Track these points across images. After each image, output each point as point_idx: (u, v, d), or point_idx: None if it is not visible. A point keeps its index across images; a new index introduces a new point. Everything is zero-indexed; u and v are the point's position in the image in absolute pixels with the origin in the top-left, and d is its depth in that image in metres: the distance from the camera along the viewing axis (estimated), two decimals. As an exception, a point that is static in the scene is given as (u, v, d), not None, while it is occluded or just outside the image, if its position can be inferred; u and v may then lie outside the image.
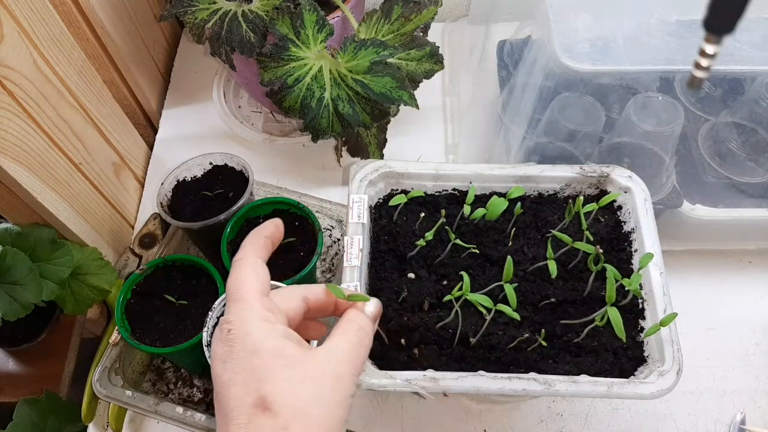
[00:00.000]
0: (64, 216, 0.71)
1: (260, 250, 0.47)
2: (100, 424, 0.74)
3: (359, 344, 0.44)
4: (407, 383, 0.53)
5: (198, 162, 0.77)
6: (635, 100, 0.72)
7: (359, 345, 0.44)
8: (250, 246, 0.47)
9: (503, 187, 0.67)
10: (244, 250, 0.46)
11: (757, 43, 0.63)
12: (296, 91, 0.74)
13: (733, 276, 0.81)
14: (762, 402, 0.72)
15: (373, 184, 0.67)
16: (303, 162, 0.92)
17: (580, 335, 0.58)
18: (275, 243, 0.49)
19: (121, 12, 0.86)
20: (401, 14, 0.77)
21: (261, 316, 0.41)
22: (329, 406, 0.39)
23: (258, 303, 0.42)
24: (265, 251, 0.47)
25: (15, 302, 0.64)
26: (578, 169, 0.66)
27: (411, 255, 0.63)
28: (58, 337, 0.88)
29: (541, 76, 0.67)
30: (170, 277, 0.70)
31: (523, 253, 0.63)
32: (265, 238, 0.48)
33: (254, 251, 0.46)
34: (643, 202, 0.64)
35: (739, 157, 0.75)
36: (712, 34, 0.36)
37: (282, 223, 0.51)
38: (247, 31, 0.73)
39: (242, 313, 0.42)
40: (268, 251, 0.48)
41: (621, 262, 0.63)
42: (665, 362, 0.55)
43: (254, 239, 0.47)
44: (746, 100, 0.77)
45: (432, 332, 0.58)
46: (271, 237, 0.49)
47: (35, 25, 0.65)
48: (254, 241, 0.47)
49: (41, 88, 0.66)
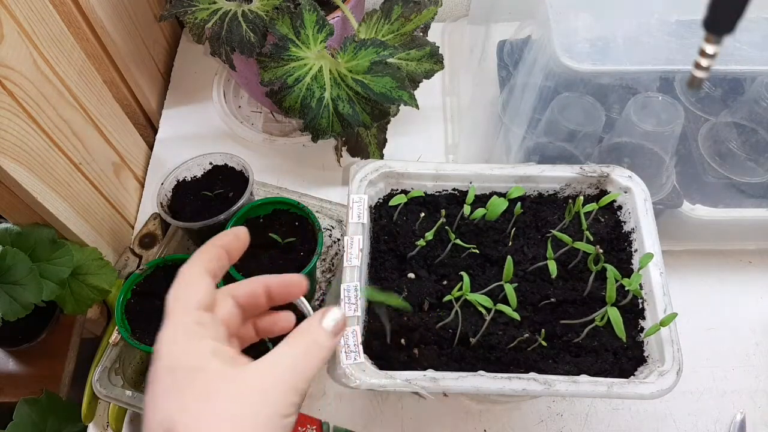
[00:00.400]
0: (64, 216, 0.71)
1: (208, 261, 0.42)
2: (100, 424, 0.74)
3: (304, 357, 0.38)
4: (407, 383, 0.53)
5: (198, 162, 0.77)
6: (635, 100, 0.72)
7: (304, 358, 0.38)
8: (197, 255, 0.43)
9: (503, 187, 0.67)
10: (190, 260, 0.42)
11: (757, 43, 0.63)
12: (296, 91, 0.74)
13: (733, 276, 0.81)
14: (762, 402, 0.72)
15: (373, 184, 0.67)
16: (303, 162, 0.92)
17: (580, 335, 0.58)
18: (233, 253, 0.45)
19: (121, 12, 0.86)
20: (401, 14, 0.77)
21: (186, 331, 0.38)
22: (245, 428, 0.34)
23: (186, 318, 0.39)
24: (217, 262, 0.43)
25: (15, 302, 0.64)
26: (578, 169, 0.66)
27: (411, 255, 0.63)
28: (58, 337, 0.88)
29: (541, 76, 0.67)
30: (170, 277, 0.68)
31: (523, 253, 0.63)
32: (219, 248, 0.43)
33: (199, 262, 0.42)
34: (643, 202, 0.64)
35: (739, 157, 0.75)
36: (712, 34, 0.36)
37: (246, 232, 0.46)
38: (247, 31, 0.73)
39: (167, 330, 0.38)
40: (220, 261, 0.43)
41: (621, 262, 0.63)
42: (665, 362, 0.55)
43: (204, 248, 0.43)
44: (746, 100, 0.77)
45: (432, 332, 0.58)
46: (226, 246, 0.44)
47: (35, 25, 0.65)
48: (203, 250, 0.43)
49: (41, 88, 0.66)
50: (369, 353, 0.57)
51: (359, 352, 0.56)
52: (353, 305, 0.57)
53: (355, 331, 0.56)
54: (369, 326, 0.59)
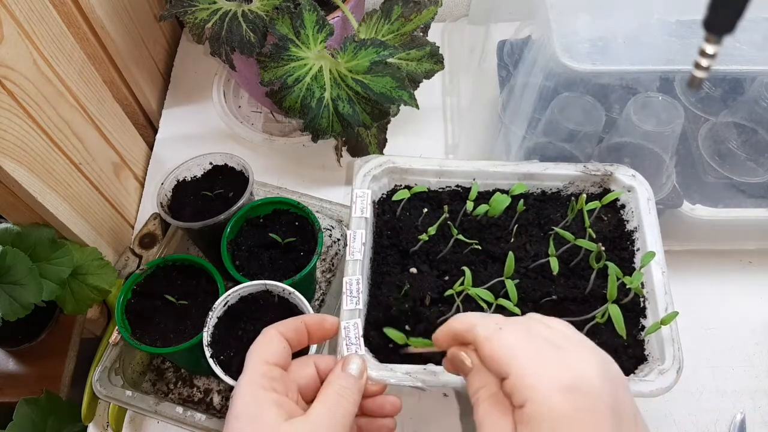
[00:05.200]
0: (64, 216, 0.71)
1: (286, 329, 0.49)
2: (100, 424, 0.74)
3: (337, 406, 0.45)
4: (407, 376, 0.54)
5: (198, 162, 0.77)
6: (635, 100, 0.72)
7: (337, 407, 0.45)
8: (281, 322, 0.50)
9: (506, 184, 0.67)
10: (274, 324, 0.50)
11: (757, 43, 0.63)
12: (296, 91, 0.74)
13: (733, 276, 0.81)
14: (762, 402, 0.72)
15: (377, 179, 0.67)
16: (303, 162, 0.92)
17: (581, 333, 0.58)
18: (314, 334, 0.51)
19: (121, 12, 0.86)
20: (401, 14, 0.77)
21: (256, 383, 0.44)
22: None
23: (259, 370, 0.45)
24: (294, 333, 0.50)
25: (15, 302, 0.64)
26: (582, 167, 0.66)
27: (413, 250, 0.63)
28: (58, 337, 0.88)
29: (541, 76, 0.67)
30: (170, 277, 0.70)
31: (525, 250, 0.63)
32: (300, 323, 0.50)
33: (281, 326, 0.49)
34: (646, 201, 0.64)
35: (739, 157, 0.75)
36: (712, 34, 0.36)
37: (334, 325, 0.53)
38: (247, 31, 0.73)
39: (241, 380, 0.45)
40: (298, 334, 0.50)
41: (623, 261, 0.63)
42: (665, 361, 0.55)
43: (291, 319, 0.51)
44: (746, 100, 0.77)
45: (433, 326, 0.58)
46: (309, 325, 0.51)
47: (35, 25, 0.65)
48: (288, 320, 0.50)
49: (41, 88, 0.66)
50: (369, 346, 0.57)
51: (360, 345, 0.56)
52: (355, 298, 0.58)
53: (356, 324, 0.56)
54: (370, 319, 0.59)
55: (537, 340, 0.40)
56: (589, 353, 0.40)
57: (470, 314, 0.45)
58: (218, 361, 0.60)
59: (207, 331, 0.61)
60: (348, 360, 0.48)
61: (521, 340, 0.40)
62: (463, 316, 0.44)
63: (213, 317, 0.62)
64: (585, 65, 0.61)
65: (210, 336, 0.61)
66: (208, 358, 0.60)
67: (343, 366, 0.48)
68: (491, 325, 0.41)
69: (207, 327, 0.61)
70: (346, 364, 0.48)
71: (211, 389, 0.73)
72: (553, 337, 0.41)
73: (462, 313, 0.46)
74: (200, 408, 0.71)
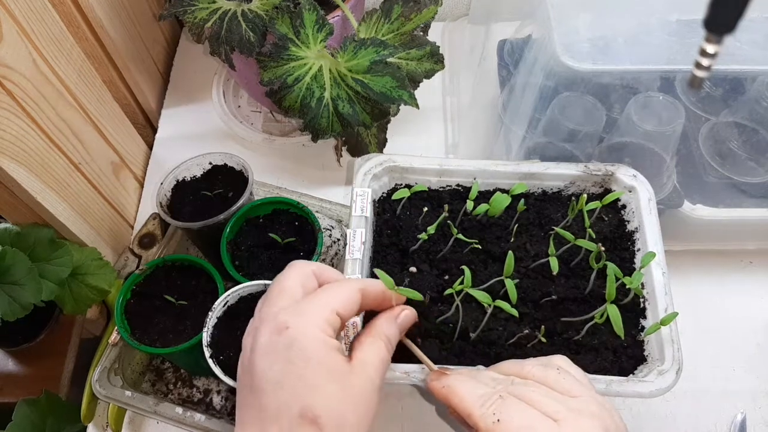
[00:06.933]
0: (64, 216, 0.71)
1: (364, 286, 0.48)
2: (100, 425, 0.74)
3: (387, 358, 0.47)
4: (406, 375, 0.54)
5: (197, 162, 0.77)
6: (636, 100, 0.72)
7: (387, 359, 0.47)
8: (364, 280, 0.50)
9: (507, 183, 0.67)
10: (356, 279, 0.52)
11: (758, 42, 0.63)
12: (296, 90, 0.74)
13: (734, 276, 0.80)
14: (763, 402, 0.72)
15: (377, 178, 0.67)
16: (303, 162, 0.92)
17: (580, 333, 0.58)
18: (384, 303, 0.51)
19: (120, 11, 0.86)
20: (401, 13, 0.77)
21: (321, 327, 0.43)
22: (365, 420, 0.42)
23: (329, 318, 0.44)
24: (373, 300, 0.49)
25: (14, 302, 0.64)
26: (583, 167, 0.66)
27: (413, 249, 0.63)
28: (58, 337, 0.88)
29: (542, 75, 0.66)
30: (170, 278, 0.70)
31: (526, 249, 0.63)
32: (384, 292, 0.50)
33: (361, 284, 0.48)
34: (647, 202, 0.64)
35: (740, 157, 0.75)
36: (712, 34, 0.36)
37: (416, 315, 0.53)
38: (246, 31, 0.73)
39: (305, 318, 0.43)
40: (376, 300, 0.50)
41: (623, 261, 0.63)
42: (665, 361, 0.55)
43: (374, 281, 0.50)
44: (747, 99, 0.77)
45: (432, 326, 0.58)
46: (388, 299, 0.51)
47: (35, 25, 0.64)
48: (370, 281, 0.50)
49: (41, 88, 0.65)
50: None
51: None
52: None
53: (355, 324, 0.56)
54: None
55: (536, 421, 0.43)
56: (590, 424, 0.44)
57: (466, 392, 0.47)
58: (218, 362, 0.60)
59: (206, 331, 0.61)
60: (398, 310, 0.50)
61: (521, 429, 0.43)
62: (461, 393, 0.47)
63: (212, 317, 0.62)
64: (585, 65, 0.61)
65: (209, 336, 0.61)
66: (207, 359, 0.60)
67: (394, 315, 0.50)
68: (489, 415, 0.44)
69: (206, 327, 0.61)
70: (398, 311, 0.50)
71: (211, 390, 0.73)
72: (554, 407, 0.44)
73: (457, 382, 0.48)
74: (200, 408, 0.71)
